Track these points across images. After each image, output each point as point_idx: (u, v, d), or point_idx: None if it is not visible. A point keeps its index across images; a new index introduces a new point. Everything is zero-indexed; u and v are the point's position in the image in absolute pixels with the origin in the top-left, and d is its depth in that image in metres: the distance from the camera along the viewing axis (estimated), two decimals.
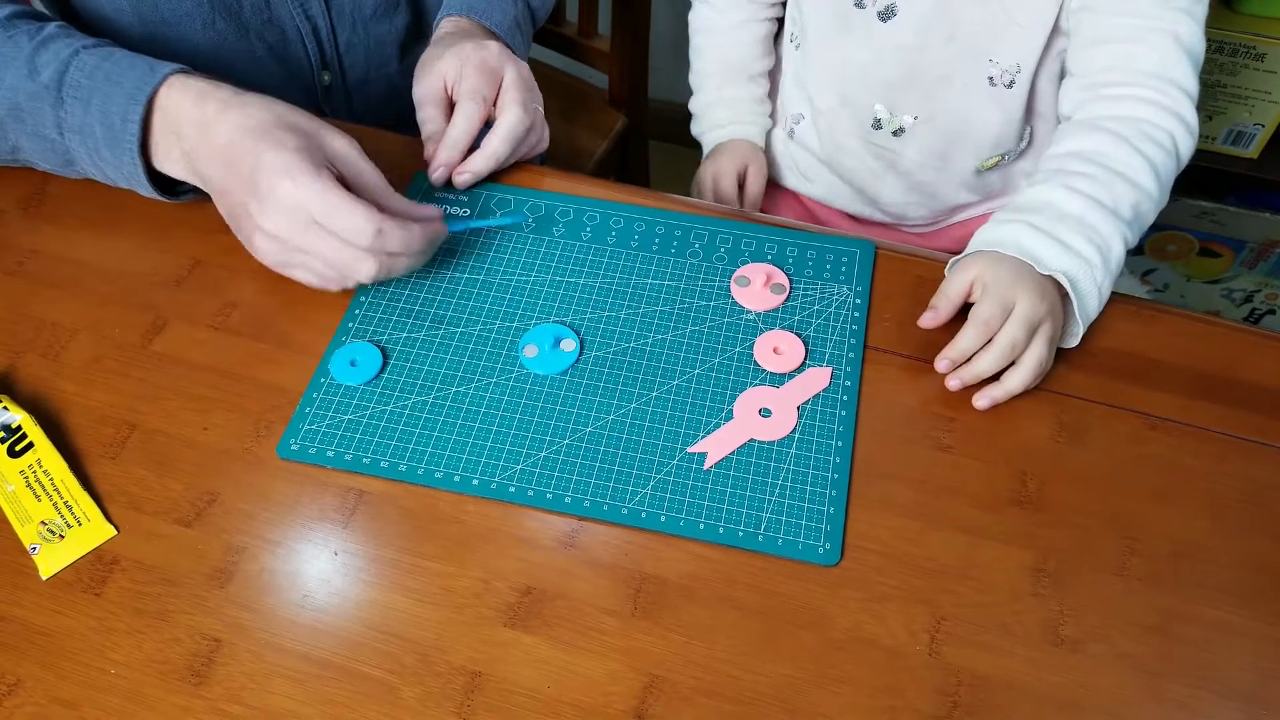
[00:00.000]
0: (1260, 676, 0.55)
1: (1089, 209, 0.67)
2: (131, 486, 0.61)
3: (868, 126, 0.89)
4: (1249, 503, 0.62)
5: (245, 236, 0.66)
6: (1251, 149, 1.32)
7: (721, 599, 0.57)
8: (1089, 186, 0.68)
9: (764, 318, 0.69)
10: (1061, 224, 0.67)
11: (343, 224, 0.62)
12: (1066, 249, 0.66)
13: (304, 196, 0.61)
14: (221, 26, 0.84)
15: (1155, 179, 0.70)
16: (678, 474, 0.62)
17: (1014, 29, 0.79)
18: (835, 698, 0.54)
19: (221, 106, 0.64)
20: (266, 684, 0.54)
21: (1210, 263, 1.48)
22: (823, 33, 0.87)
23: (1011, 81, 0.81)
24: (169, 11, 0.82)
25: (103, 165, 0.68)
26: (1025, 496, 0.62)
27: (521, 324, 0.69)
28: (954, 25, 0.80)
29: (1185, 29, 0.72)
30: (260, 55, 0.87)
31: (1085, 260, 0.66)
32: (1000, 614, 0.57)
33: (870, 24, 0.82)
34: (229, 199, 0.65)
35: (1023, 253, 0.66)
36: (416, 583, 0.58)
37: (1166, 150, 0.71)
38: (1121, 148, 0.70)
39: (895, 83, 0.85)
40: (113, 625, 0.56)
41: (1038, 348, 0.64)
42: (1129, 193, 0.69)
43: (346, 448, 0.63)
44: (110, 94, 0.65)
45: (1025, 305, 0.64)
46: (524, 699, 0.54)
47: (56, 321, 0.69)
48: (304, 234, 0.63)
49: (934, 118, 0.86)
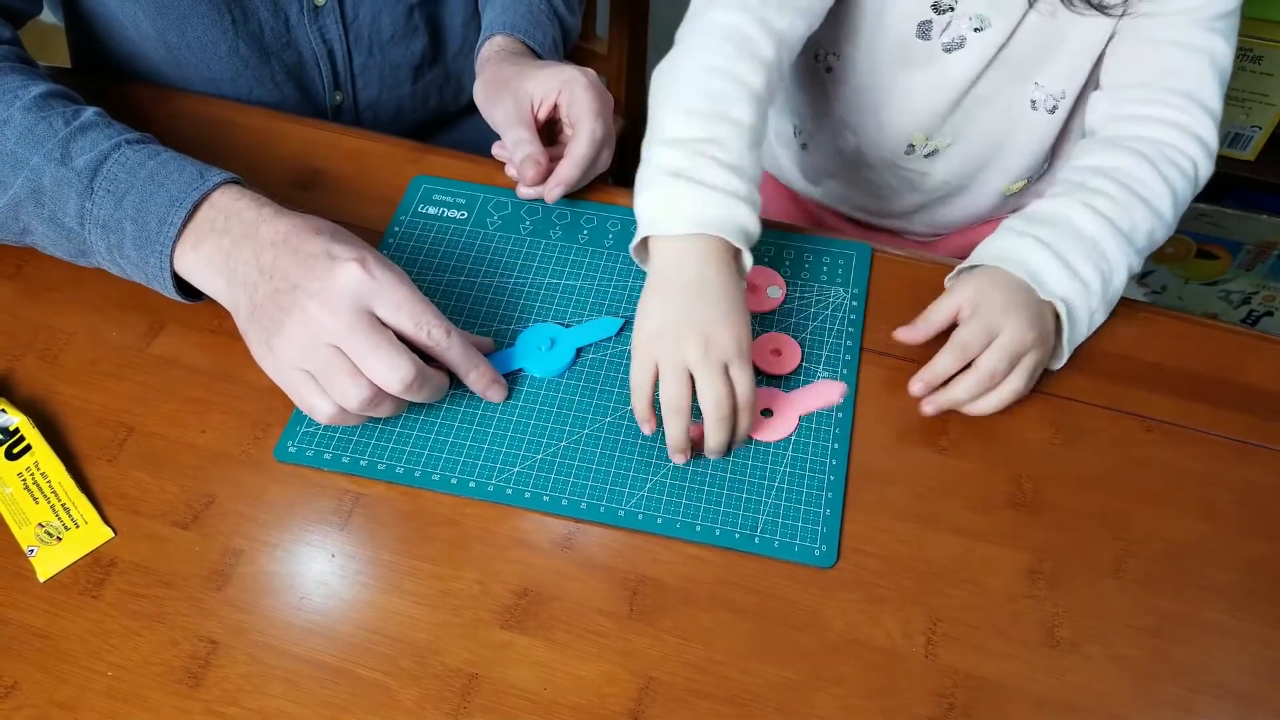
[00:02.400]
0: (1255, 678, 0.56)
1: (1104, 232, 0.66)
2: (129, 489, 0.61)
3: (900, 152, 0.87)
4: (1244, 504, 0.62)
5: (271, 325, 0.58)
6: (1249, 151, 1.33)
7: (718, 601, 0.57)
8: (1108, 207, 0.66)
9: (761, 320, 0.70)
10: (1073, 244, 0.65)
11: (389, 351, 0.57)
12: (1072, 273, 0.64)
13: (370, 286, 0.57)
14: (245, 52, 0.84)
15: (1174, 206, 0.69)
16: (674, 476, 0.62)
17: (1064, 52, 0.77)
18: (831, 699, 0.54)
19: (280, 210, 0.61)
20: (263, 686, 0.54)
21: (1208, 265, 1.49)
22: (874, 62, 0.82)
23: (1054, 107, 0.79)
24: (194, 38, 0.82)
25: (123, 262, 0.63)
26: (1021, 499, 0.62)
27: (518, 326, 0.69)
28: (1010, 49, 0.78)
29: (1220, 50, 0.71)
30: (279, 78, 0.88)
31: (1086, 286, 0.65)
32: (996, 616, 0.57)
33: (934, 55, 0.79)
34: (269, 285, 0.58)
35: (1027, 273, 0.64)
36: (413, 585, 0.58)
37: (1188, 177, 0.70)
38: (1146, 170, 0.68)
39: (942, 111, 0.82)
40: (110, 627, 0.56)
41: (1016, 380, 0.63)
42: (1147, 219, 0.67)
43: (343, 450, 0.63)
44: (151, 194, 0.61)
45: (1011, 334, 0.62)
46: (520, 701, 0.54)
47: (54, 324, 0.69)
48: (348, 334, 0.56)
49: (968, 138, 0.84)
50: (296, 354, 0.58)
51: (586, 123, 0.73)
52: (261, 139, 0.81)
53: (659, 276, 0.63)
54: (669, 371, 0.59)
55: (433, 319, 0.59)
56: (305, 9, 0.85)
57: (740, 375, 0.59)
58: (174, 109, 0.82)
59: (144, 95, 0.83)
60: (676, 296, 0.61)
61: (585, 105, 0.73)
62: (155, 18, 0.81)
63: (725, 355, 0.59)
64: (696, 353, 0.59)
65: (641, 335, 0.61)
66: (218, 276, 0.61)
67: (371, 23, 0.89)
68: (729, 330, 0.59)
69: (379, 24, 0.89)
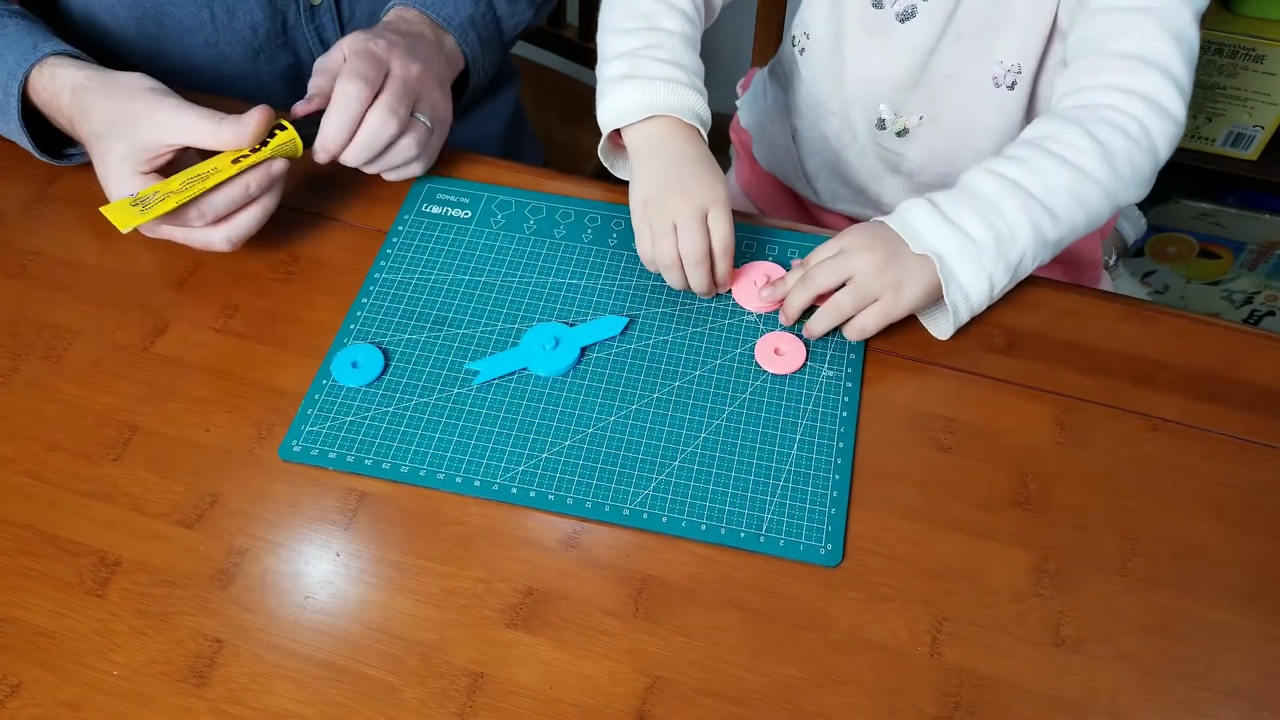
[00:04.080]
0: (1262, 677, 0.55)
1: (1001, 190, 0.65)
2: (133, 488, 0.61)
3: (872, 127, 0.89)
4: (1250, 503, 0.62)
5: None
6: (1251, 151, 1.33)
7: (723, 600, 0.57)
8: (1011, 169, 0.66)
9: (765, 319, 0.69)
10: (962, 203, 0.66)
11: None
12: (954, 227, 0.65)
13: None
14: (226, 49, 0.84)
15: (1108, 165, 0.66)
16: (679, 475, 0.62)
17: (1013, 24, 0.79)
18: (837, 698, 0.54)
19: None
20: (268, 685, 0.54)
21: (1210, 264, 1.48)
22: (835, 35, 0.86)
23: (1013, 83, 0.81)
24: (171, 26, 0.82)
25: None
26: (1026, 497, 0.62)
27: (523, 325, 0.69)
28: (963, 22, 0.79)
29: (1174, 15, 0.69)
30: (268, 79, 0.87)
31: (970, 239, 0.65)
32: (1002, 615, 0.57)
33: (887, 25, 0.81)
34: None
35: (904, 226, 0.66)
36: (418, 584, 0.58)
37: (1131, 137, 0.67)
38: (1072, 132, 0.67)
39: (904, 83, 0.85)
40: (115, 627, 0.56)
41: (864, 317, 0.66)
42: (1066, 177, 0.66)
43: (348, 449, 0.63)
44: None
45: (862, 277, 0.65)
46: (526, 700, 0.54)
47: (58, 323, 0.69)
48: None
49: (938, 118, 0.86)
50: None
51: (370, 116, 0.69)
52: None
53: (634, 162, 0.70)
54: (660, 233, 0.67)
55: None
56: (302, 8, 0.84)
57: (718, 222, 0.67)
58: None
59: None
60: (652, 168, 0.69)
61: (383, 97, 0.70)
62: (131, 6, 0.81)
63: (703, 203, 0.66)
64: (676, 206, 0.66)
65: (633, 211, 0.69)
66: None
67: (369, 21, 0.88)
68: (702, 183, 0.67)
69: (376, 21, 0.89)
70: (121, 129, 0.66)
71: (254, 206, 0.68)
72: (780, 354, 0.67)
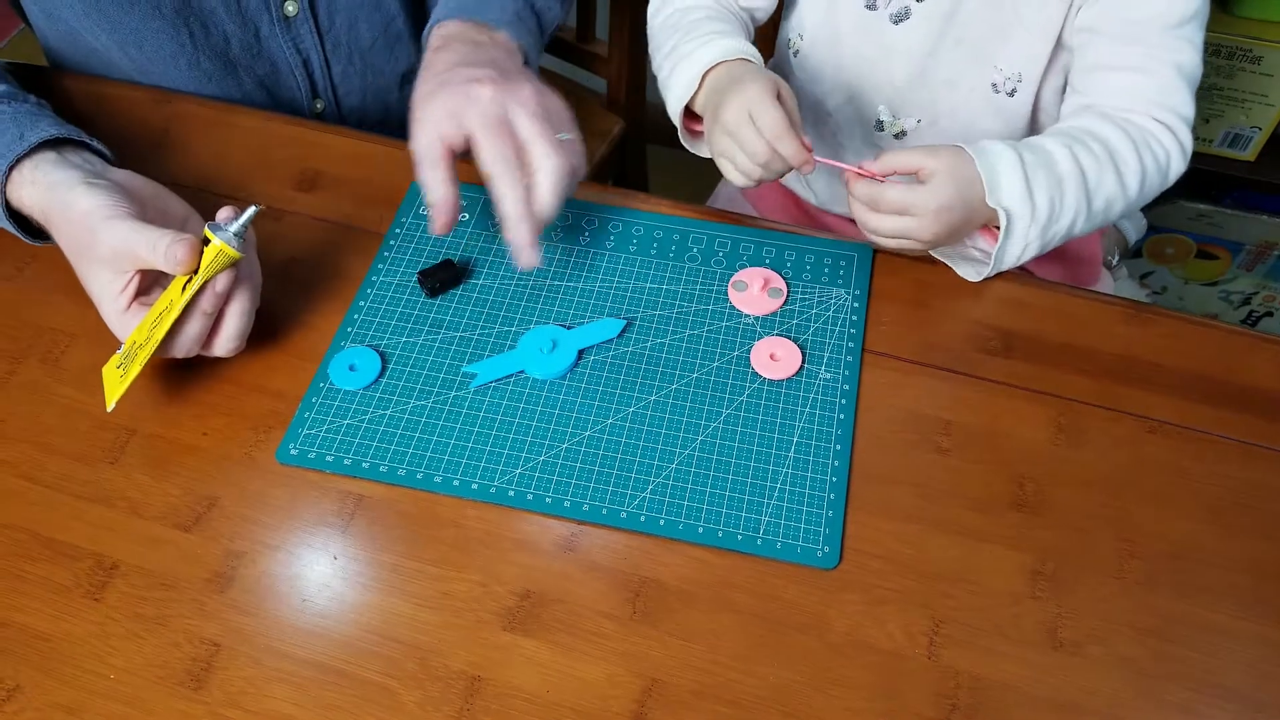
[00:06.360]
0: (1258, 678, 0.56)
1: (1073, 178, 0.69)
2: (131, 491, 0.61)
3: (870, 128, 0.89)
4: (1247, 505, 0.62)
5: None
6: (1248, 151, 1.33)
7: (720, 602, 0.57)
8: (1088, 161, 0.70)
9: (762, 322, 0.70)
10: (1044, 174, 0.69)
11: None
12: (1028, 194, 0.68)
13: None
14: (207, 65, 0.84)
15: (1140, 187, 0.72)
16: (677, 478, 0.62)
17: (1019, 32, 0.79)
18: (834, 701, 0.54)
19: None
20: (266, 689, 0.54)
21: (1208, 265, 1.49)
22: (831, 36, 0.86)
23: (1014, 90, 0.81)
24: (153, 51, 0.82)
25: None
26: (1023, 499, 0.62)
27: (520, 328, 0.69)
28: (964, 28, 0.80)
29: (1187, 58, 0.73)
30: (249, 89, 0.87)
31: (1034, 211, 0.68)
32: (999, 617, 0.57)
33: (881, 26, 0.82)
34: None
35: (989, 174, 0.67)
36: (416, 587, 0.58)
37: (1159, 166, 0.73)
38: (1128, 147, 0.72)
39: (901, 85, 0.85)
40: (112, 630, 0.56)
41: (888, 221, 0.68)
42: (1113, 188, 0.71)
43: (345, 452, 0.63)
44: None
45: (941, 199, 0.67)
46: (523, 703, 0.54)
47: (56, 327, 0.69)
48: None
49: (937, 122, 0.86)
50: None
51: (543, 169, 0.66)
52: (262, 141, 0.81)
53: (706, 118, 0.74)
54: (738, 128, 0.69)
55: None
56: (275, 20, 0.84)
57: (763, 117, 0.68)
58: (172, 111, 0.82)
59: (143, 97, 0.83)
60: (721, 101, 0.71)
61: (538, 147, 0.66)
62: (111, 32, 0.81)
63: (751, 105, 0.68)
64: (739, 102, 0.69)
65: (714, 137, 0.72)
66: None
67: (349, 31, 0.88)
68: (758, 77, 0.70)
69: (356, 32, 0.88)
70: (88, 256, 0.63)
71: (230, 317, 0.63)
72: (776, 360, 0.67)
